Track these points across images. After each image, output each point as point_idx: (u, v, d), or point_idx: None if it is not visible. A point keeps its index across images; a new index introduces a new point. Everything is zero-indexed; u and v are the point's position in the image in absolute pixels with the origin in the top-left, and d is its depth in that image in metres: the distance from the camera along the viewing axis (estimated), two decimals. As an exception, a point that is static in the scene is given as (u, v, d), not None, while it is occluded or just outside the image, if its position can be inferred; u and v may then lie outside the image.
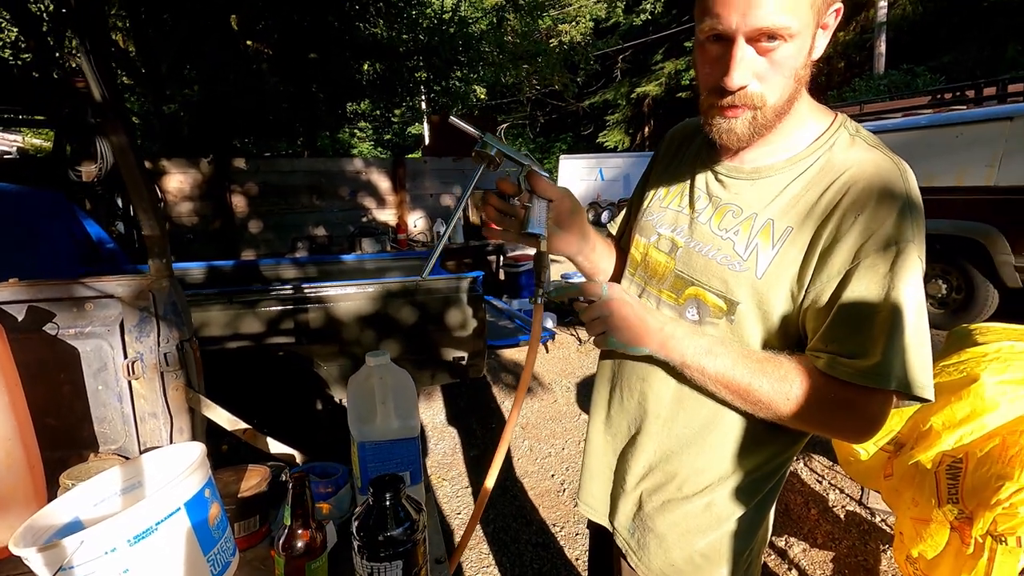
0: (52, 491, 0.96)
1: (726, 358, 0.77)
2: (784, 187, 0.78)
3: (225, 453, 2.29)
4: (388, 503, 0.72)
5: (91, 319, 1.16)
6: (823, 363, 0.72)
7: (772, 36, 0.68)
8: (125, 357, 1.16)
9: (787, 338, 0.79)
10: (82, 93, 4.50)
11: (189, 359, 1.19)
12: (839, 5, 0.72)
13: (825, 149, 0.77)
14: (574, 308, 0.80)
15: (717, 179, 0.86)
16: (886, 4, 13.54)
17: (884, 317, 0.69)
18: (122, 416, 1.19)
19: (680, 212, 0.90)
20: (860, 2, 14.45)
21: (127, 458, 1.21)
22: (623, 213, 1.11)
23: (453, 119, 0.85)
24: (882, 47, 13.55)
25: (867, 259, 0.69)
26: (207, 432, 1.41)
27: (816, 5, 0.69)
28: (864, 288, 0.70)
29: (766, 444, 0.84)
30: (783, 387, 0.74)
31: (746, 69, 0.70)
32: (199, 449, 0.83)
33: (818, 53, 0.74)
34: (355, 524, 0.73)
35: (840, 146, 0.77)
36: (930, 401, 0.71)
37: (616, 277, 1.05)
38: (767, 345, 0.79)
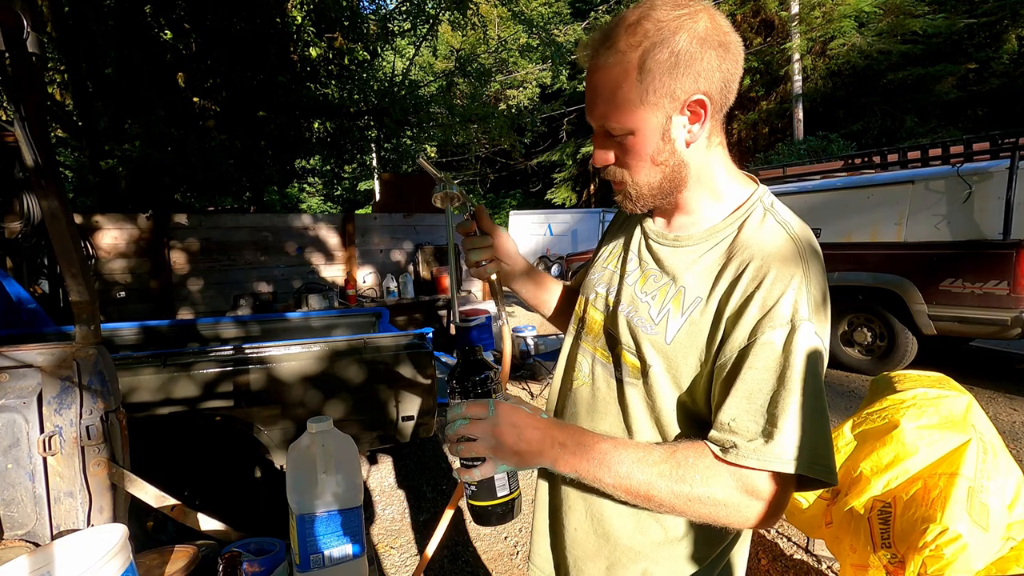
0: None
1: (621, 467, 0.73)
2: (699, 257, 0.82)
3: (151, 531, 2.11)
4: (476, 357, 0.81)
5: (5, 391, 1.08)
6: (723, 448, 0.71)
7: (613, 130, 0.79)
8: (41, 432, 1.08)
9: (697, 403, 0.80)
10: (10, 147, 4.31)
11: (114, 431, 1.11)
12: (699, 96, 0.74)
13: (739, 223, 0.81)
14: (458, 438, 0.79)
15: (648, 243, 0.91)
16: (800, 79, 15.05)
17: (781, 398, 0.68)
18: (33, 497, 1.09)
19: (615, 273, 0.95)
20: (779, 76, 15.99)
21: (36, 544, 1.11)
22: (583, 269, 1.16)
23: (421, 161, 1.01)
24: (800, 115, 14.94)
25: (762, 336, 0.70)
26: (132, 509, 1.30)
27: (654, 103, 0.74)
28: (762, 366, 0.70)
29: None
30: (683, 488, 0.71)
31: (603, 152, 0.83)
32: (119, 532, 0.78)
33: (691, 136, 0.77)
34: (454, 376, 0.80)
35: (752, 221, 0.80)
36: (833, 485, 0.70)
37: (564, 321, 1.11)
38: (681, 406, 0.81)
